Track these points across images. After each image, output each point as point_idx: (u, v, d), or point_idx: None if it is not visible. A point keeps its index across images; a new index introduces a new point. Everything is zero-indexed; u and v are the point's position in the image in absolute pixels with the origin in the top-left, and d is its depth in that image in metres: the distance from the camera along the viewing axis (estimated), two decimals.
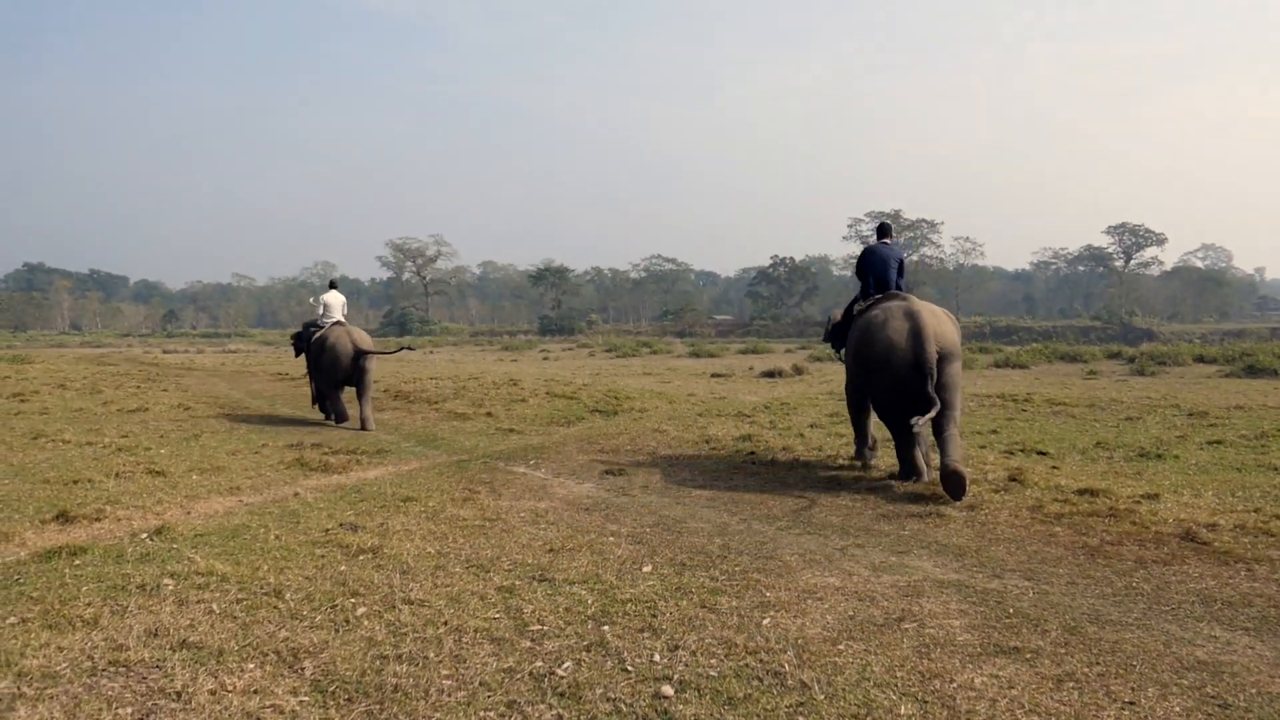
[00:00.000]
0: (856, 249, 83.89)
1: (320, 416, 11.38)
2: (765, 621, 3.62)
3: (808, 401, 12.47)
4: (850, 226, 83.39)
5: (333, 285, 12.03)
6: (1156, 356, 22.60)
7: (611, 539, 4.95)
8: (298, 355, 12.14)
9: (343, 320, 11.53)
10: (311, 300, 12.05)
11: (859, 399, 7.32)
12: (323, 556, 4.51)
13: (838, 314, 7.97)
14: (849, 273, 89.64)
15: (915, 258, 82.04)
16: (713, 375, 19.66)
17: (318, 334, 11.26)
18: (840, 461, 7.37)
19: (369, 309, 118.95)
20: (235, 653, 3.26)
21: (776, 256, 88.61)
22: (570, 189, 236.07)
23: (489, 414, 11.31)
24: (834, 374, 20.62)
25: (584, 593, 3.96)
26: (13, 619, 3.57)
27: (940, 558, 4.59)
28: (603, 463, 7.67)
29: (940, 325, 6.39)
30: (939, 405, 5.98)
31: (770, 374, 19.59)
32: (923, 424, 5.99)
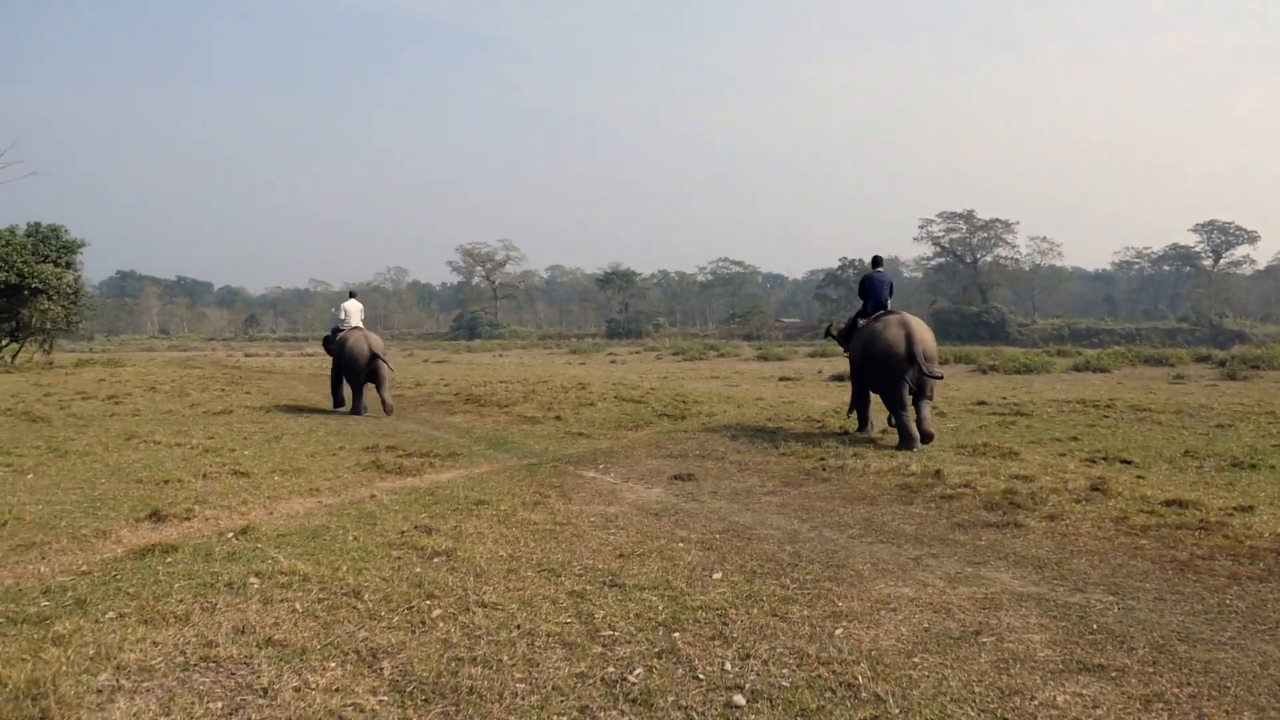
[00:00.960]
0: (928, 250, 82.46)
1: (380, 411, 12.26)
2: (838, 632, 3.57)
3: (878, 406, 12.26)
4: (921, 227, 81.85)
5: (352, 295, 13.92)
6: (1249, 360, 21.59)
7: (681, 545, 4.95)
8: (329, 354, 13.86)
9: (360, 325, 13.32)
10: (334, 310, 13.99)
11: (863, 390, 9.55)
12: (399, 558, 4.62)
13: (840, 323, 10.79)
14: (919, 275, 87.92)
15: (989, 259, 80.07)
16: (781, 379, 19.51)
17: (339, 336, 13.08)
18: (913, 469, 7.24)
19: (440, 312, 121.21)
20: (317, 651, 3.37)
21: (845, 258, 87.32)
22: (637, 192, 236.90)
23: (558, 418, 11.42)
24: None
25: (654, 599, 3.97)
26: (111, 614, 3.75)
27: (1019, 569, 4.47)
28: (671, 467, 7.68)
29: (924, 332, 8.78)
30: (940, 377, 8.62)
31: (840, 378, 19.29)
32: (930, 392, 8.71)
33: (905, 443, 8.34)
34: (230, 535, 5.12)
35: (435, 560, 4.59)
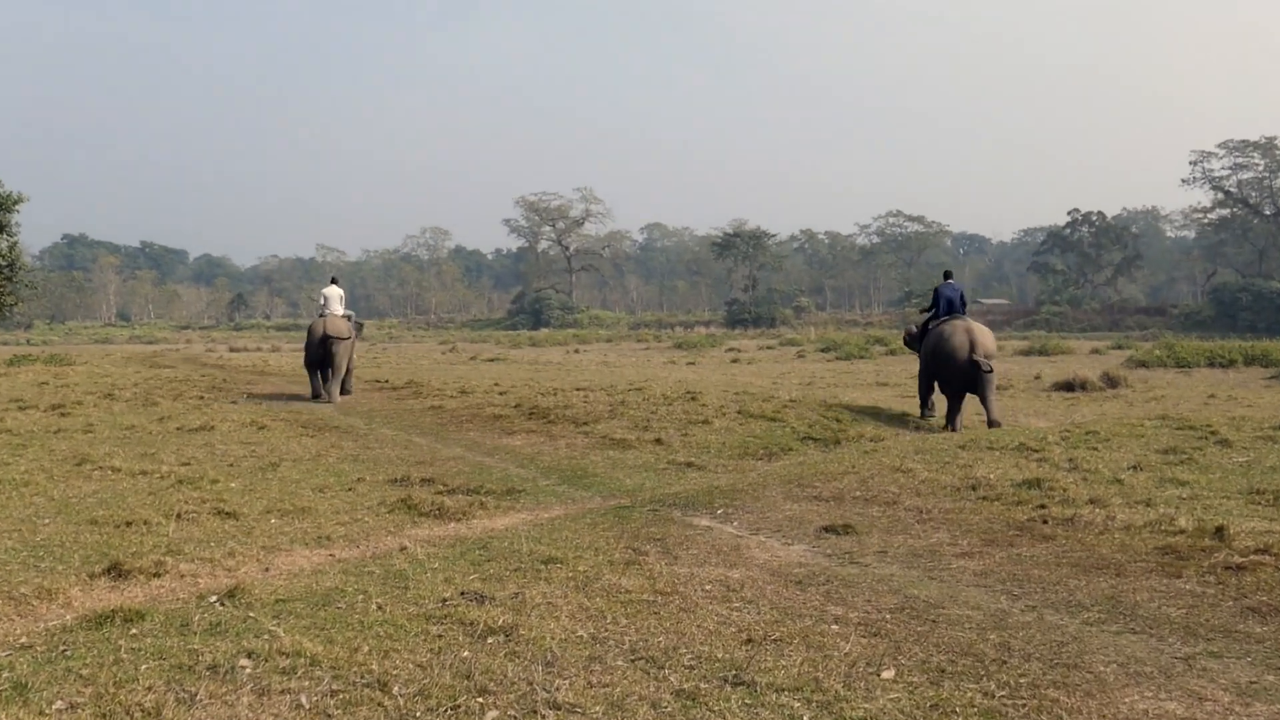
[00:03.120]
0: (1203, 196, 79.77)
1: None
2: None
3: (1127, 429, 11.89)
4: (1194, 164, 79.00)
5: (334, 280, 19.05)
6: None
7: (835, 628, 4.92)
8: None
9: (330, 312, 17.74)
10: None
11: (929, 382, 15.02)
12: (439, 637, 4.74)
13: (914, 328, 16.70)
14: (1190, 233, 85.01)
15: None
16: None
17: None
18: (1181, 524, 6.99)
19: (493, 290, 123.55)
20: None
21: (1077, 212, 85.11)
22: (770, 123, 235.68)
23: (658, 441, 11.53)
24: (1164, 388, 19.55)
25: (797, 705, 3.96)
26: (60, 704, 3.96)
27: None
28: (820, 514, 7.66)
29: (984, 337, 14.30)
30: (991, 371, 13.85)
31: (1067, 386, 18.87)
32: (988, 369, 13.84)
33: (950, 423, 13.91)
34: (213, 599, 5.34)
35: (489, 641, 4.68)
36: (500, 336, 65.98)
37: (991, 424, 13.42)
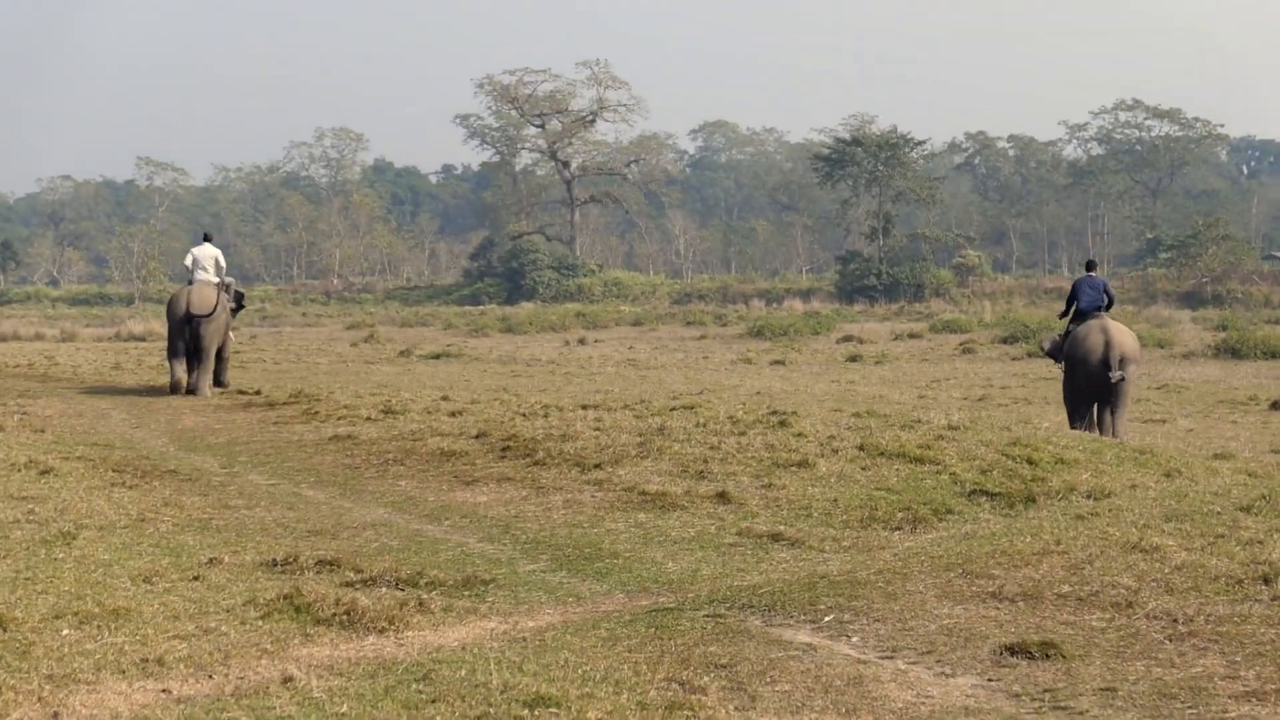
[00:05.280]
0: None
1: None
2: None
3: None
4: None
5: (206, 238, 22.96)
6: None
7: None
8: None
9: (200, 277, 21.31)
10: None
11: (1074, 396, 20.63)
12: None
13: (1059, 336, 21.40)
14: None
15: None
16: (1275, 405, 19.07)
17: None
18: None
19: (440, 236, 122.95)
20: None
21: None
22: None
23: (722, 496, 11.57)
24: None
25: None
26: None
27: None
28: (1000, 624, 7.67)
29: (1124, 337, 20.19)
30: (1123, 379, 19.57)
31: None
32: (1116, 379, 19.59)
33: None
34: None
35: None
36: (452, 316, 66.18)
37: None
